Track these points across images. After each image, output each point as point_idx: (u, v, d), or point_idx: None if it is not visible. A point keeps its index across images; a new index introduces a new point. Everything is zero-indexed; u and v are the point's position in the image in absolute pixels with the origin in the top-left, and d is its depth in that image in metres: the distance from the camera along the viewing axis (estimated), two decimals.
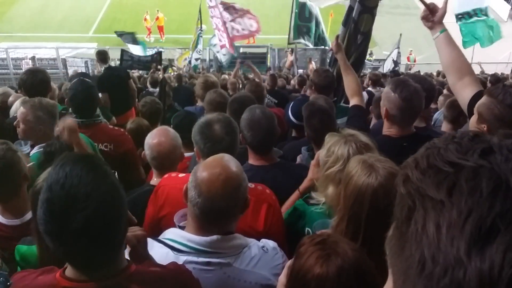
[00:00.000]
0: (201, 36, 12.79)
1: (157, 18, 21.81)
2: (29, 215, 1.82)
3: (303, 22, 12.65)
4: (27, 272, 1.21)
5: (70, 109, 3.07)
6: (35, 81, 3.37)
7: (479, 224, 0.43)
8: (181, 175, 1.88)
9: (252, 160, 2.19)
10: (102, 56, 6.08)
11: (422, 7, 2.17)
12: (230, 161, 1.39)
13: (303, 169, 2.13)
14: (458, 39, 9.35)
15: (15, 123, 2.59)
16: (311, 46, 13.28)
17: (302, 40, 12.87)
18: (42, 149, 2.40)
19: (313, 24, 12.54)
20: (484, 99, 1.80)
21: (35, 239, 1.51)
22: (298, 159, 2.57)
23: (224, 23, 9.54)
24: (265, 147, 2.19)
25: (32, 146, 2.57)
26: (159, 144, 2.16)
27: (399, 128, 2.23)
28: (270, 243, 1.49)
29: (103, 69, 5.80)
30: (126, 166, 2.93)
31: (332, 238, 1.17)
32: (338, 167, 1.62)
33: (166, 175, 1.91)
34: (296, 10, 12.59)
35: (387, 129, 2.29)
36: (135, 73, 10.33)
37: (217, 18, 9.77)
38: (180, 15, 23.17)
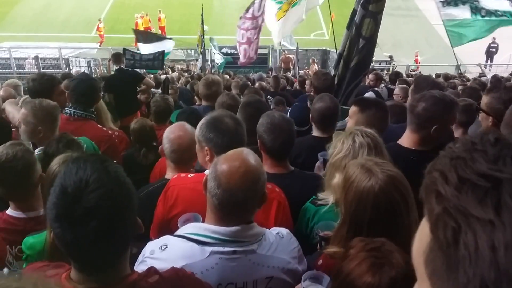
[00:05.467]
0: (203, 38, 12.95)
1: (160, 19, 21.89)
2: (42, 211, 1.86)
3: None
4: (39, 264, 1.25)
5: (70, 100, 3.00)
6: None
7: None
8: (190, 175, 1.90)
9: (267, 167, 2.07)
10: (116, 57, 6.17)
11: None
12: (249, 155, 1.42)
13: (318, 179, 2.08)
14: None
15: (16, 123, 2.60)
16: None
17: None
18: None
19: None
20: (486, 98, 2.20)
21: (48, 229, 1.54)
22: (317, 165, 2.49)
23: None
24: (284, 152, 2.18)
25: (35, 147, 2.57)
26: (179, 137, 2.23)
27: (418, 138, 2.19)
28: (283, 230, 1.54)
29: (113, 70, 5.81)
30: None
31: (386, 246, 1.14)
32: (343, 153, 1.70)
33: (175, 176, 1.93)
34: None
35: (406, 137, 2.27)
36: None
37: (245, 30, 9.79)
38: (182, 15, 23.24)
